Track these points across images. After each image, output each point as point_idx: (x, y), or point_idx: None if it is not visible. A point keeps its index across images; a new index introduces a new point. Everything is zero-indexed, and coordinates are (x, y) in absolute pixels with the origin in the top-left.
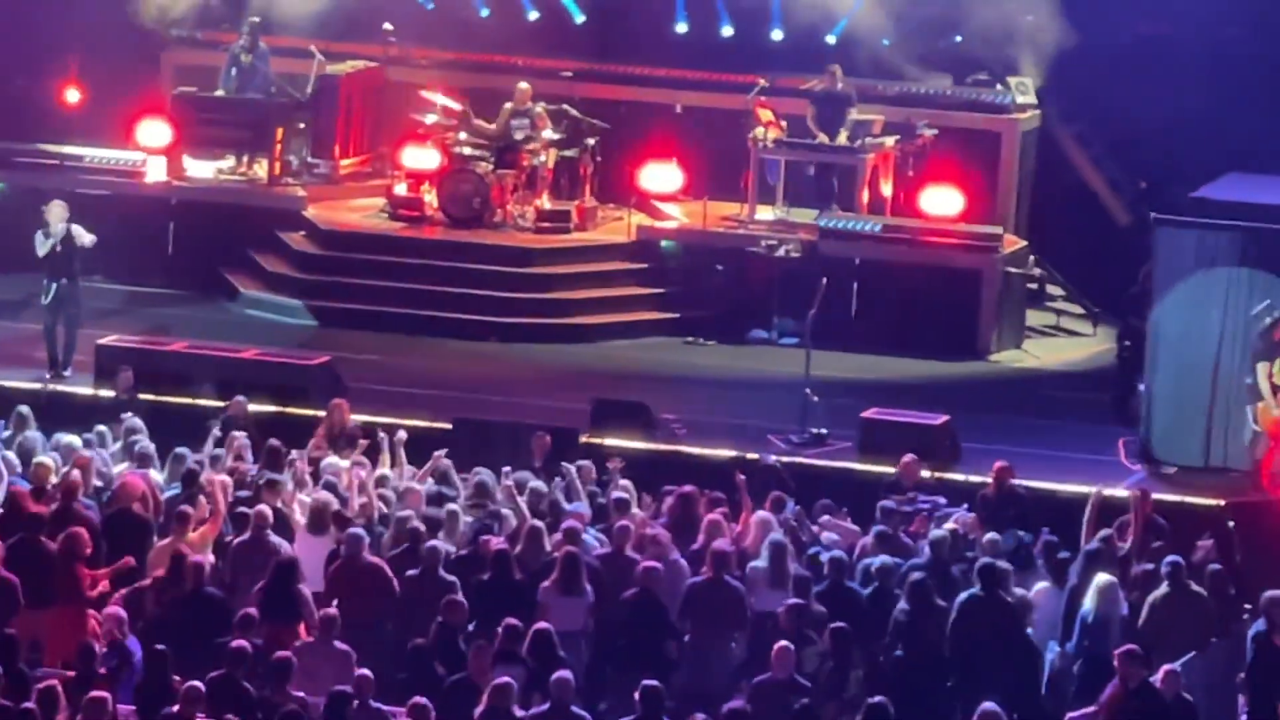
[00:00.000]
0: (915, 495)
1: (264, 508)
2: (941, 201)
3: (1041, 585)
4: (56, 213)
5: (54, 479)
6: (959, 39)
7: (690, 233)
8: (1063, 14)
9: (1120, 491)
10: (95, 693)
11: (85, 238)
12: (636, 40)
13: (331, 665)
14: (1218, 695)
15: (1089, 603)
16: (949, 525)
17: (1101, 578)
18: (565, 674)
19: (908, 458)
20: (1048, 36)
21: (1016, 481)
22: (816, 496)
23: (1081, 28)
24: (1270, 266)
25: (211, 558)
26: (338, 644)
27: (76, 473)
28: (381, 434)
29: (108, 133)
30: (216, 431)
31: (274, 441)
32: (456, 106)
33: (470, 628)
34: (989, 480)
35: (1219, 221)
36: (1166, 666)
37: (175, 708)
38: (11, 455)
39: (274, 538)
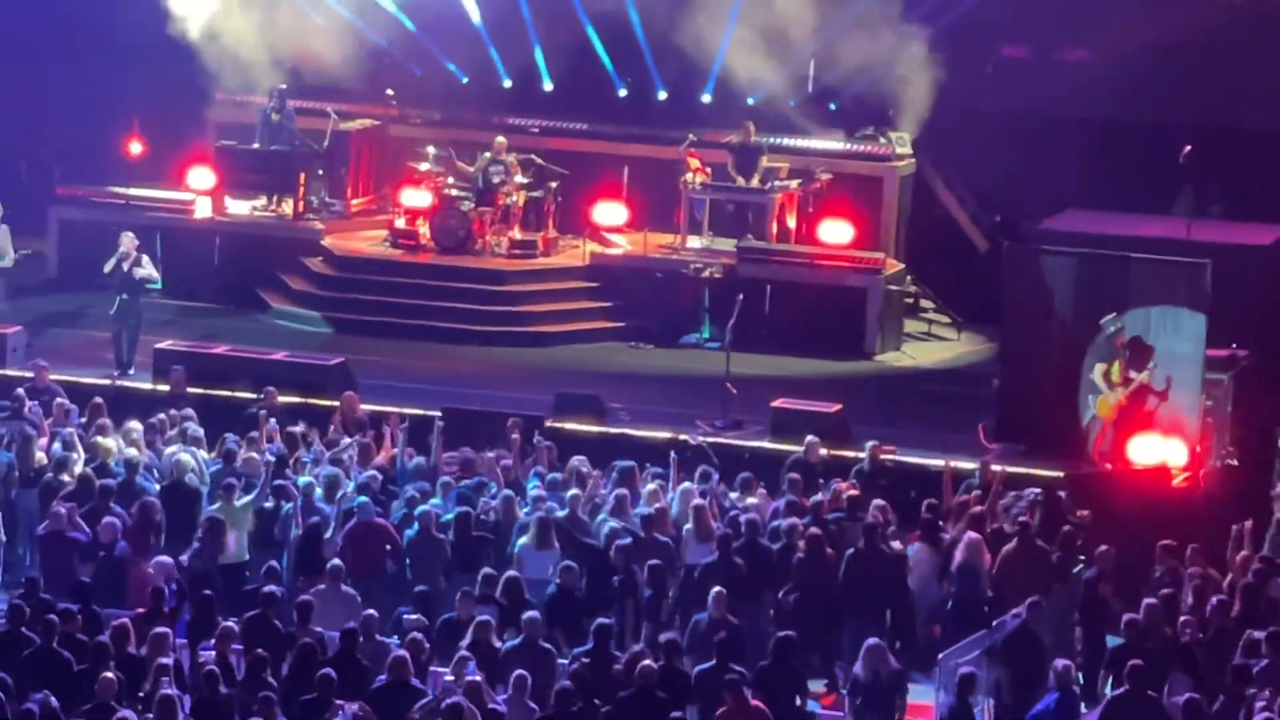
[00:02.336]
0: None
1: (309, 481)
2: (835, 232)
3: (919, 544)
4: (127, 241)
5: (115, 458)
6: (850, 102)
7: (634, 258)
8: (934, 83)
9: (968, 464)
10: (159, 628)
11: (150, 273)
12: (591, 102)
13: (342, 607)
14: (1058, 630)
15: (960, 555)
16: (842, 488)
17: (971, 535)
18: (534, 613)
19: (811, 438)
20: (922, 101)
21: (886, 456)
22: (737, 472)
23: (949, 94)
24: (1100, 283)
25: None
26: (345, 588)
27: (136, 451)
28: (387, 423)
29: (164, 178)
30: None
31: (294, 427)
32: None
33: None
34: (864, 455)
35: (1060, 248)
36: (1030, 600)
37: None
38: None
39: (319, 504)
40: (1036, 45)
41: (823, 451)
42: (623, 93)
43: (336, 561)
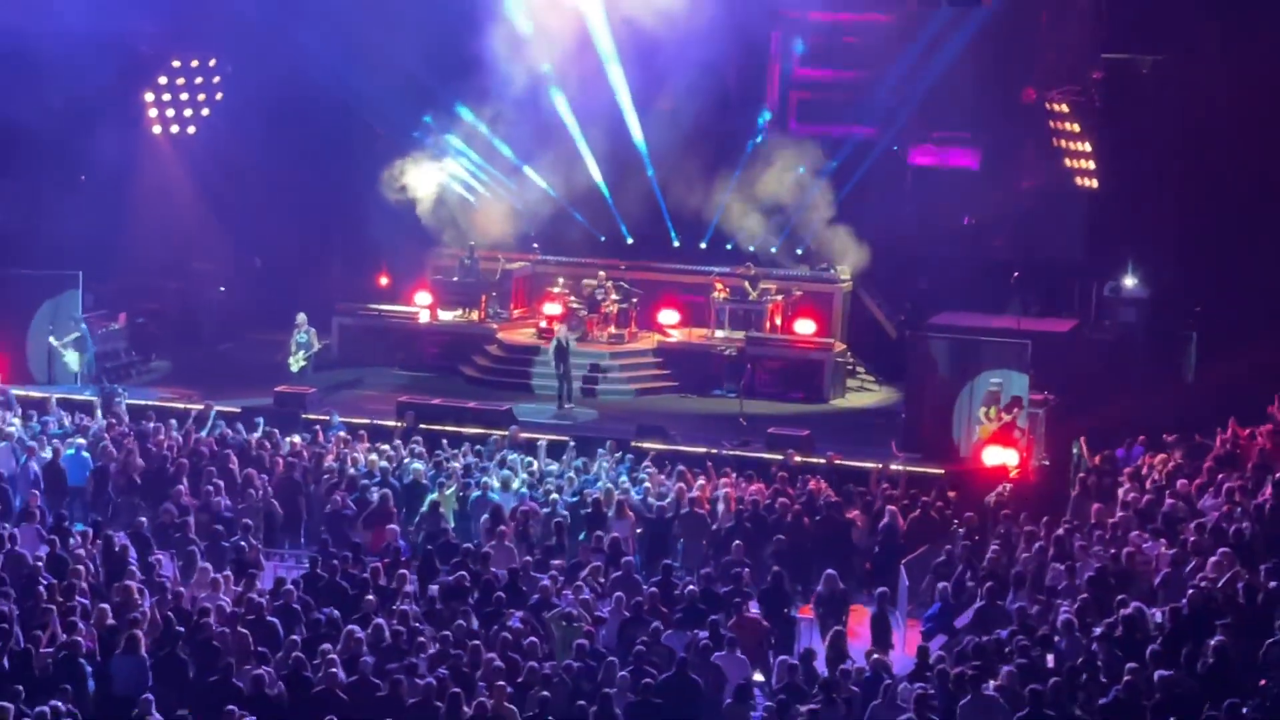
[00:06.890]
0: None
1: (488, 479)
2: (804, 327)
3: (857, 513)
4: (561, 331)
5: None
6: (810, 247)
7: (683, 344)
8: (855, 236)
9: (895, 466)
10: (399, 570)
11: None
12: (656, 249)
13: (510, 554)
14: (940, 569)
15: (884, 520)
16: (811, 481)
17: (890, 508)
18: (629, 558)
19: (791, 450)
20: (852, 249)
21: (836, 461)
22: (747, 470)
23: (869, 243)
24: (964, 356)
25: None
26: (509, 544)
27: (387, 463)
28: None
29: (401, 299)
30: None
31: (479, 446)
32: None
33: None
34: (823, 460)
35: (940, 335)
36: (926, 547)
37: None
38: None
39: (490, 495)
40: (920, 216)
41: (798, 458)
42: (676, 244)
43: (503, 528)
